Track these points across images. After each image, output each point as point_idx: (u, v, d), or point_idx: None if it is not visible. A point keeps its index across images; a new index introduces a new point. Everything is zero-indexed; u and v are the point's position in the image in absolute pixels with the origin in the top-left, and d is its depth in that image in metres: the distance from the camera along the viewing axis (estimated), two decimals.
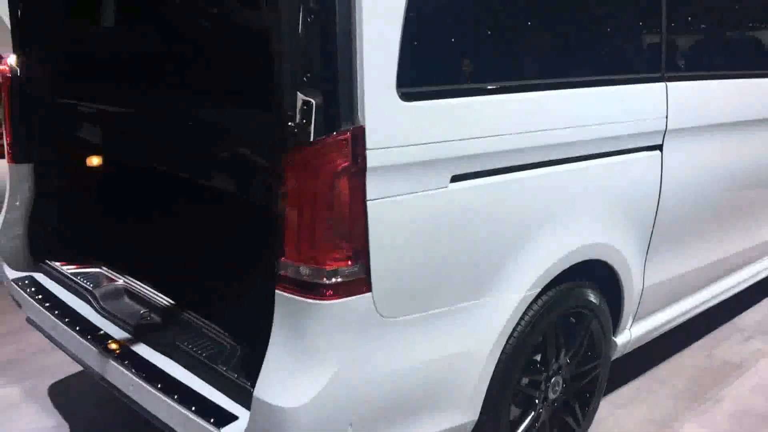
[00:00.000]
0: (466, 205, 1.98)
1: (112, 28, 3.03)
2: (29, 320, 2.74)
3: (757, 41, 3.28)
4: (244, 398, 1.99)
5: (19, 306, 2.81)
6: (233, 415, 1.98)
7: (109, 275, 2.72)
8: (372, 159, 1.74)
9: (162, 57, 2.82)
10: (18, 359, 3.28)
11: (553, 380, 2.48)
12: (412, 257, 1.89)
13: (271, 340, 1.83)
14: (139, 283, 2.65)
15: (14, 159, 2.83)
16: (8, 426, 2.80)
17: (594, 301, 2.51)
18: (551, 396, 2.49)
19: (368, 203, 1.76)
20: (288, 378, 1.80)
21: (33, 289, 2.74)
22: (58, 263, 2.83)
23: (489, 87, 2.00)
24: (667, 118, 2.57)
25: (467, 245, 2.01)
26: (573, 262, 2.32)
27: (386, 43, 1.74)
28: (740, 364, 3.49)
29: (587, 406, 2.68)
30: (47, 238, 2.87)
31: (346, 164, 1.71)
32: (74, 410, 2.90)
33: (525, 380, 2.37)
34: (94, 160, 2.92)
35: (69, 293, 2.68)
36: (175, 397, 2.08)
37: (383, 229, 1.80)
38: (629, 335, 2.83)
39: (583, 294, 2.46)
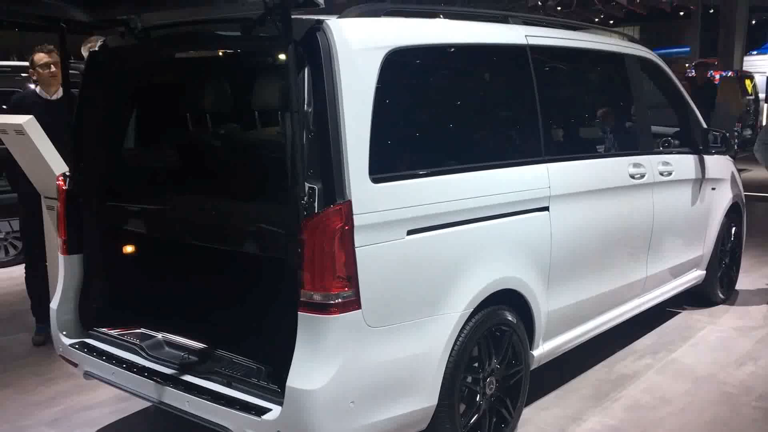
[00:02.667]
0: (417, 250, 2.98)
1: (148, 147, 3.97)
2: (87, 374, 3.52)
3: (608, 132, 4.49)
4: (275, 397, 2.86)
5: (75, 365, 3.59)
6: (268, 408, 2.84)
7: (149, 333, 3.55)
8: (357, 221, 2.73)
9: (196, 170, 3.80)
10: (66, 416, 3.99)
11: (488, 379, 3.42)
12: (386, 285, 2.86)
13: (296, 347, 2.73)
14: (174, 335, 3.49)
15: (67, 251, 3.67)
16: None
17: (512, 320, 3.49)
18: (488, 392, 3.42)
19: (356, 249, 2.73)
20: (309, 370, 2.70)
21: (87, 349, 3.54)
22: (104, 329, 3.64)
23: (426, 171, 3.05)
24: (549, 188, 3.66)
25: (421, 277, 3.00)
26: (494, 290, 3.32)
27: (360, 150, 2.76)
28: (634, 375, 4.50)
29: (516, 401, 3.61)
30: (94, 310, 3.68)
31: (341, 225, 2.70)
32: None
33: (469, 378, 3.30)
34: (133, 245, 3.79)
35: (118, 349, 3.49)
36: (222, 402, 2.93)
37: (366, 266, 2.77)
38: (542, 349, 3.81)
39: (503, 314, 3.44)
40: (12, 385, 4.41)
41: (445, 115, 3.33)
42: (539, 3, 31.37)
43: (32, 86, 5.09)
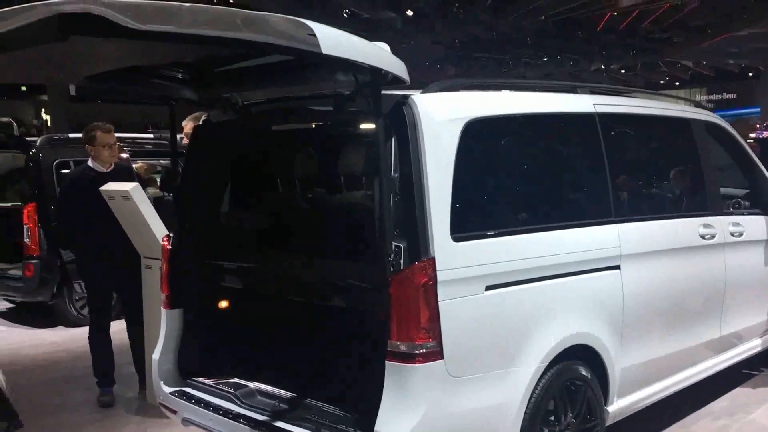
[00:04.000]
0: (495, 305, 3.18)
1: (243, 210, 4.34)
2: (185, 420, 3.79)
3: (678, 194, 4.63)
4: None
5: (174, 412, 3.87)
6: None
7: (242, 382, 3.82)
8: (440, 276, 2.96)
9: (286, 230, 4.13)
10: None
11: None
12: (466, 337, 3.06)
13: (383, 394, 2.94)
14: (266, 384, 3.74)
15: (169, 306, 4.01)
16: None
17: (586, 375, 3.61)
18: None
19: (439, 303, 2.96)
20: (396, 417, 2.91)
21: (186, 397, 3.83)
22: (200, 378, 3.93)
23: (503, 231, 3.27)
24: (620, 247, 3.82)
25: (499, 330, 3.19)
26: (568, 345, 3.47)
27: (442, 211, 3.02)
28: None
29: None
30: (191, 360, 3.98)
31: (425, 280, 2.93)
32: None
33: (545, 430, 3.42)
34: (228, 300, 4.10)
35: (214, 397, 3.75)
36: None
37: (448, 318, 2.98)
38: (617, 406, 3.89)
39: (578, 369, 3.57)
40: None
41: (520, 179, 3.57)
42: (602, 67, 31.71)
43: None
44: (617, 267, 3.82)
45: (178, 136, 5.07)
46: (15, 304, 8.24)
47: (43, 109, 33.87)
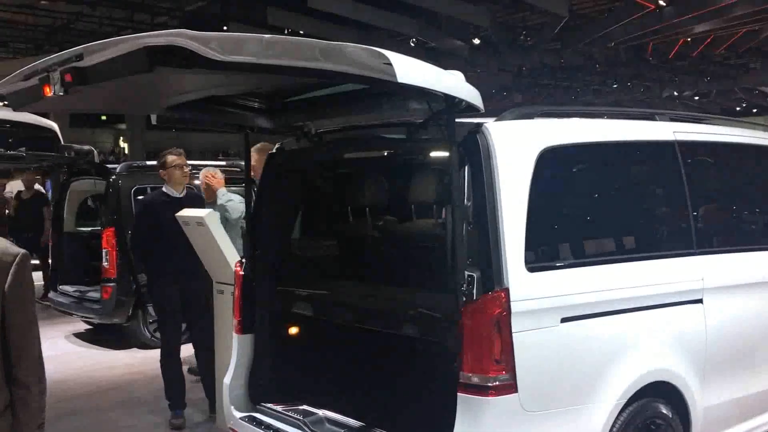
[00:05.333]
0: (571, 338, 3.09)
1: (313, 237, 4.37)
2: None
3: (760, 225, 4.43)
4: None
5: None
6: None
7: (311, 409, 3.81)
8: (514, 307, 2.89)
9: (356, 258, 4.14)
10: None
11: None
12: (541, 370, 2.97)
13: (455, 427, 2.88)
14: (334, 413, 3.72)
15: (241, 331, 4.05)
16: None
17: (666, 413, 3.46)
18: None
19: (513, 334, 2.89)
20: None
21: (255, 422, 3.84)
22: (270, 404, 3.94)
23: (580, 262, 3.19)
24: (702, 280, 3.67)
25: (575, 365, 3.09)
26: (647, 382, 3.33)
27: (517, 240, 2.96)
28: None
29: None
30: (261, 386, 4.00)
31: (499, 311, 2.87)
32: None
33: None
34: (298, 327, 4.12)
35: (283, 423, 3.75)
36: None
37: (522, 351, 2.91)
38: None
39: (658, 407, 3.42)
40: None
41: (597, 209, 3.49)
42: (675, 93, 30.90)
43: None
44: (699, 300, 3.66)
45: None
46: (92, 325, 8.49)
47: (121, 138, 35.23)
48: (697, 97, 34.46)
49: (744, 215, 4.50)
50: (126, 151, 32.15)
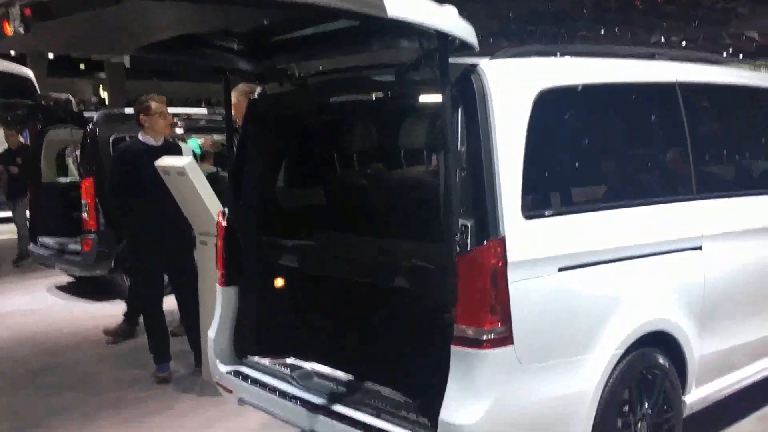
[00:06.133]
0: (569, 287, 2.97)
1: (299, 187, 4.20)
2: (241, 400, 3.70)
3: (761, 169, 4.30)
4: (425, 430, 2.91)
5: (230, 392, 3.79)
6: None
7: (298, 363, 3.70)
8: (510, 257, 2.76)
9: (345, 208, 3.98)
10: None
11: (639, 425, 3.31)
12: (538, 322, 2.86)
13: (449, 381, 2.77)
14: (323, 366, 3.62)
15: (224, 283, 3.91)
16: None
17: (663, 363, 3.38)
18: None
19: (509, 285, 2.76)
20: (462, 405, 2.73)
21: (241, 376, 3.73)
22: (256, 357, 3.83)
23: (577, 209, 3.05)
24: (702, 226, 3.55)
25: (572, 315, 2.98)
26: (645, 332, 3.23)
27: (513, 188, 2.81)
28: None
29: None
30: (247, 339, 3.88)
31: (494, 261, 2.74)
32: None
33: (619, 422, 3.21)
34: (284, 279, 3.98)
35: (270, 377, 3.65)
36: None
37: (519, 302, 2.79)
38: (694, 396, 3.64)
39: (655, 357, 3.34)
40: (165, 412, 4.68)
41: (595, 154, 3.34)
42: (662, 39, 30.52)
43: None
44: (699, 248, 3.55)
45: None
46: (75, 277, 8.34)
47: (101, 86, 34.47)
48: (684, 42, 34.09)
49: (746, 159, 4.36)
50: (106, 101, 31.51)
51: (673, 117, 3.60)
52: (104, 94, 33.39)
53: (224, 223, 3.91)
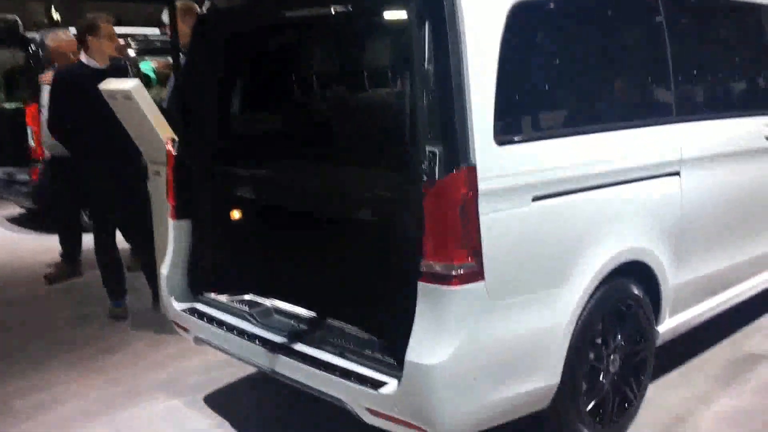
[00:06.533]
0: (543, 218, 2.78)
1: (255, 112, 3.90)
2: (198, 339, 3.51)
3: (744, 90, 4.11)
4: (390, 370, 2.75)
5: (186, 330, 3.59)
6: (384, 381, 2.72)
7: (258, 300, 3.50)
8: (482, 187, 2.54)
9: (304, 134, 3.70)
10: (176, 378, 4.04)
11: (612, 357, 3.20)
12: (510, 255, 2.68)
13: (416, 319, 2.59)
14: (283, 303, 3.42)
15: (176, 216, 3.65)
16: (178, 426, 3.53)
17: (638, 294, 3.25)
18: (611, 370, 3.20)
19: (481, 217, 2.56)
20: (430, 344, 2.56)
21: (197, 314, 3.53)
22: (212, 294, 3.62)
23: (553, 133, 2.83)
24: (681, 150, 3.37)
25: (546, 247, 2.80)
26: (620, 262, 3.08)
27: (485, 110, 2.57)
28: (763, 355, 4.17)
29: (640, 381, 3.38)
30: (202, 275, 3.66)
31: (464, 191, 2.52)
32: (228, 413, 3.63)
33: (592, 355, 3.09)
34: (240, 211, 3.74)
35: (228, 315, 3.45)
36: (336, 373, 2.83)
37: (491, 235, 2.59)
38: (667, 326, 3.55)
39: (629, 288, 3.21)
40: (121, 350, 4.49)
41: (572, 73, 3.09)
42: None
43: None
44: (677, 173, 3.38)
45: None
46: (26, 209, 7.98)
47: (53, 8, 32.90)
48: None
49: (728, 79, 4.15)
50: (59, 23, 30.09)
51: (654, 33, 3.36)
52: (57, 16, 31.92)
53: (174, 152, 3.63)
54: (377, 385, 2.71)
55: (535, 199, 2.73)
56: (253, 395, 3.85)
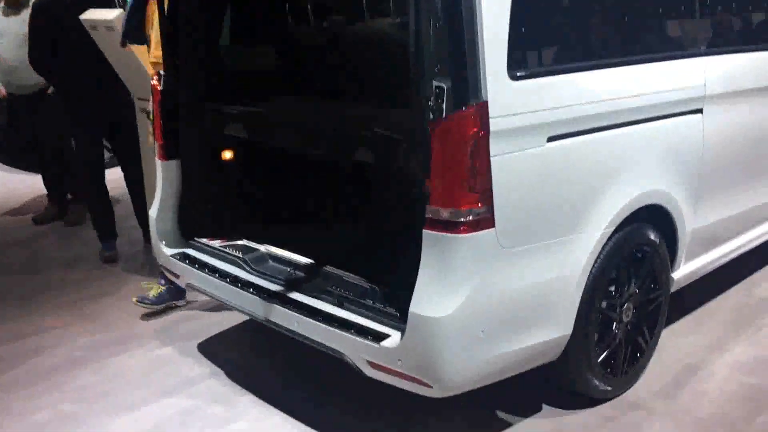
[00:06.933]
0: (559, 161, 2.56)
1: (246, 45, 3.63)
2: (189, 286, 3.35)
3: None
4: (392, 321, 2.58)
5: (177, 277, 3.42)
6: (386, 333, 2.56)
7: (252, 245, 3.31)
8: (493, 125, 2.33)
9: (300, 68, 3.43)
10: (168, 326, 3.88)
11: (625, 306, 3.04)
12: (523, 200, 2.48)
13: (420, 269, 2.40)
14: (279, 249, 3.24)
15: (165, 156, 3.43)
16: (171, 374, 3.39)
17: (654, 239, 3.06)
18: (624, 319, 3.05)
19: (492, 159, 2.35)
20: (436, 295, 2.39)
21: (189, 261, 3.34)
22: (205, 239, 3.43)
23: (571, 67, 2.59)
24: (705, 86, 3.13)
25: (560, 191, 2.60)
26: (638, 206, 2.89)
27: (498, 42, 2.33)
28: None
29: (654, 330, 3.23)
30: (194, 219, 3.46)
31: (475, 130, 2.30)
32: (222, 361, 3.49)
33: (604, 304, 2.93)
34: (232, 151, 3.51)
35: (220, 261, 3.27)
36: (336, 325, 2.67)
37: (502, 178, 2.38)
38: (683, 272, 3.38)
39: (646, 233, 3.02)
40: (111, 295, 4.33)
41: (592, 2, 2.82)
42: None
43: None
44: (700, 111, 3.15)
45: None
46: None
47: None
48: None
49: (752, 10, 3.87)
50: None
51: None
52: None
53: (160, 87, 3.38)
54: (379, 337, 2.55)
55: (551, 139, 2.52)
56: (248, 343, 3.70)
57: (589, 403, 3.03)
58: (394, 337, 2.52)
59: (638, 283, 3.07)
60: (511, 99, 2.38)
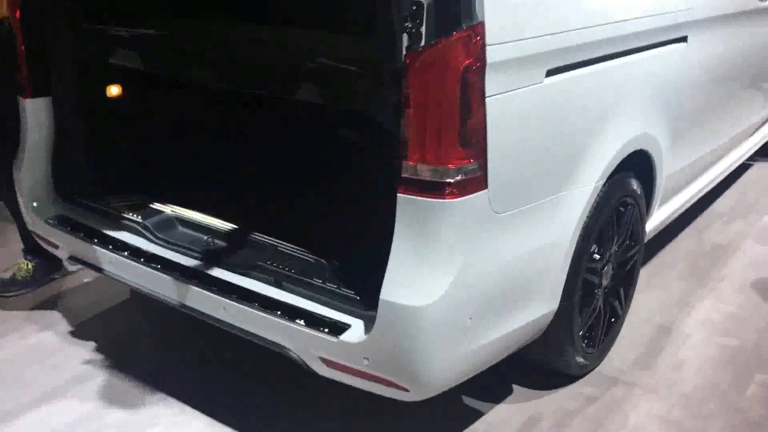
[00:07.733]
0: (557, 99, 2.05)
1: None
2: (73, 258, 2.63)
3: None
4: (351, 307, 2.03)
5: (56, 247, 2.70)
6: (344, 323, 2.01)
7: (154, 206, 2.63)
8: (491, 55, 1.76)
9: None
10: (43, 305, 3.14)
11: (605, 268, 2.63)
12: (518, 151, 1.96)
13: (394, 243, 1.85)
14: (189, 210, 2.58)
15: (31, 93, 2.65)
16: (54, 371, 2.70)
17: (637, 190, 2.65)
18: (604, 282, 2.65)
19: (487, 100, 1.79)
20: (415, 278, 1.84)
21: (70, 227, 2.63)
22: (91, 200, 2.71)
23: None
24: (690, 10, 2.70)
25: (557, 139, 2.10)
26: (629, 151, 2.45)
27: None
28: (729, 245, 3.78)
29: (629, 290, 2.87)
30: (75, 174, 2.73)
31: (468, 62, 1.73)
32: (116, 347, 2.83)
33: (588, 269, 2.49)
34: (121, 86, 2.76)
35: (113, 227, 2.58)
36: (278, 313, 2.08)
37: (498, 125, 1.84)
38: (653, 223, 3.02)
39: (630, 184, 2.60)
40: None
41: None
42: None
43: None
44: (684, 39, 2.72)
45: None
46: None
47: None
48: None
49: None
50: None
51: None
52: None
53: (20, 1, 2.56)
54: (336, 329, 1.99)
55: (549, 73, 1.99)
56: (152, 322, 3.05)
57: (564, 381, 2.64)
58: (356, 329, 1.98)
59: (619, 241, 2.67)
60: (510, 21, 1.82)
